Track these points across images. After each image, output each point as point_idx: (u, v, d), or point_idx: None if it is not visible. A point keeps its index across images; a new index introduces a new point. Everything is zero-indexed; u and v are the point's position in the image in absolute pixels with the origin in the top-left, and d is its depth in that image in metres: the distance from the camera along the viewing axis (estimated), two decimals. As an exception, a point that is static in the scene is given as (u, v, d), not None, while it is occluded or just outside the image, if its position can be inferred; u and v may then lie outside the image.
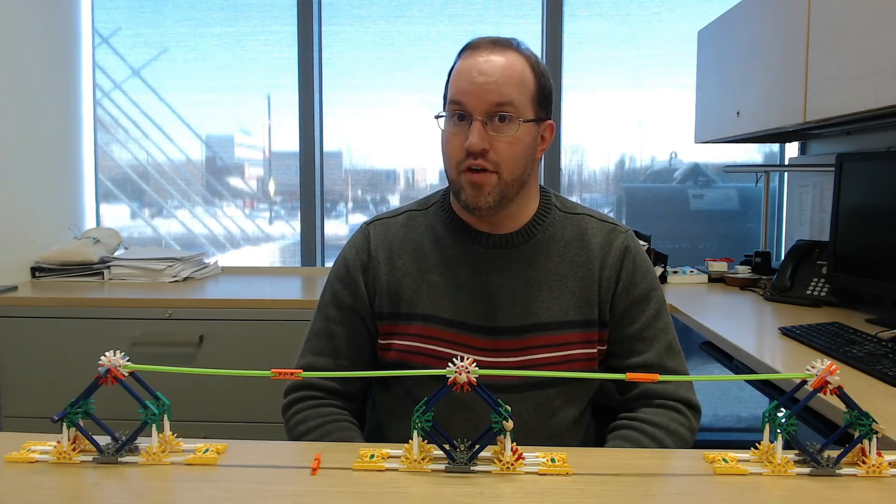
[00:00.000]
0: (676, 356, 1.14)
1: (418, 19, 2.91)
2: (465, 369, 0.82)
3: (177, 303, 2.22)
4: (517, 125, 1.05)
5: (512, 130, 1.05)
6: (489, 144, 1.04)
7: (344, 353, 1.16)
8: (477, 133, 1.03)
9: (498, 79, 1.04)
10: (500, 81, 1.04)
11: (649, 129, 2.93)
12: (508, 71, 1.05)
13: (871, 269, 1.82)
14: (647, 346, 1.12)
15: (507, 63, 1.05)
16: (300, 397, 1.15)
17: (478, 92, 1.04)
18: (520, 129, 1.05)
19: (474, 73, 1.05)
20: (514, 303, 1.10)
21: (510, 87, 1.04)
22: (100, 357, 0.85)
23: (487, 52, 1.06)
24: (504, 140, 1.05)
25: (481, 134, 1.04)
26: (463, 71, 1.06)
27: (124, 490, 0.80)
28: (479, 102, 1.04)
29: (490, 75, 1.04)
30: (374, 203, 3.06)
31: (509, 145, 1.05)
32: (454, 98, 1.06)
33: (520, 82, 1.05)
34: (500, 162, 1.05)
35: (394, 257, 1.15)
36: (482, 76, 1.04)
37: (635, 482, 0.83)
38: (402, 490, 0.79)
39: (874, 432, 0.82)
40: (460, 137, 1.06)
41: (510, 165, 1.06)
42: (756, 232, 2.90)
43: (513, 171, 1.07)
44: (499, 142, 1.05)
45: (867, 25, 1.56)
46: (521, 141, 1.06)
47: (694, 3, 2.86)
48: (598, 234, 1.15)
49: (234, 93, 2.97)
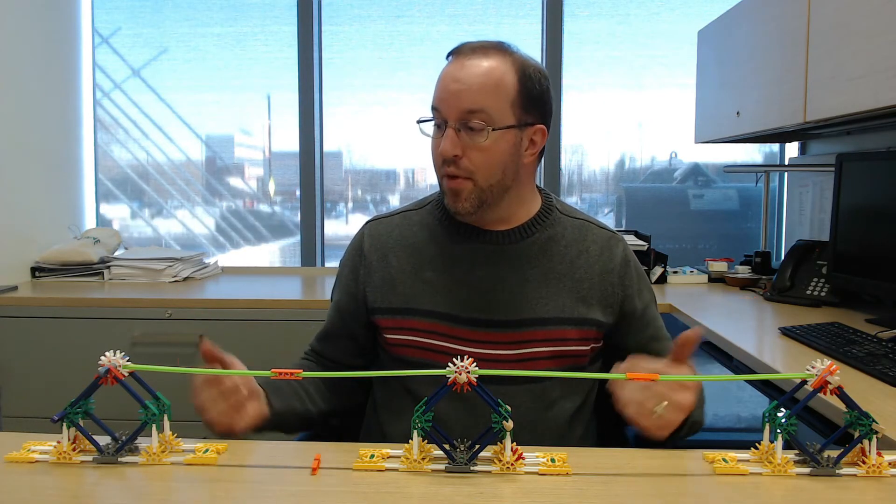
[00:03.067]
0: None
1: (418, 19, 2.91)
2: (465, 369, 0.82)
3: (177, 303, 2.22)
4: (486, 133, 1.05)
5: (482, 138, 1.05)
6: (462, 151, 1.06)
7: (337, 346, 1.22)
8: (448, 140, 1.05)
9: (470, 86, 1.04)
10: (473, 89, 1.04)
11: (649, 129, 2.93)
12: (483, 78, 1.05)
13: (871, 269, 1.82)
14: (664, 345, 1.17)
15: (484, 69, 1.05)
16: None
17: (450, 99, 1.05)
18: (490, 136, 1.05)
19: (448, 81, 1.06)
20: (511, 297, 1.12)
21: (483, 95, 1.04)
22: (100, 357, 0.85)
23: (466, 58, 1.06)
24: (476, 147, 1.06)
25: (453, 141, 1.05)
26: (441, 78, 1.08)
27: (124, 490, 0.80)
28: (450, 110, 1.05)
29: (463, 82, 1.04)
30: (374, 203, 3.06)
31: (482, 153, 1.06)
32: (433, 104, 1.09)
33: (495, 89, 1.05)
34: (473, 169, 1.06)
35: (388, 255, 1.17)
36: (455, 83, 1.05)
37: (635, 482, 0.83)
38: (402, 490, 0.79)
39: (874, 432, 0.83)
40: (438, 143, 1.08)
41: (484, 172, 1.07)
42: (756, 232, 2.90)
43: (488, 178, 1.08)
44: (471, 149, 1.06)
45: (867, 25, 1.56)
46: (494, 148, 1.06)
47: (694, 3, 2.86)
48: (598, 241, 1.18)
49: (234, 93, 2.97)
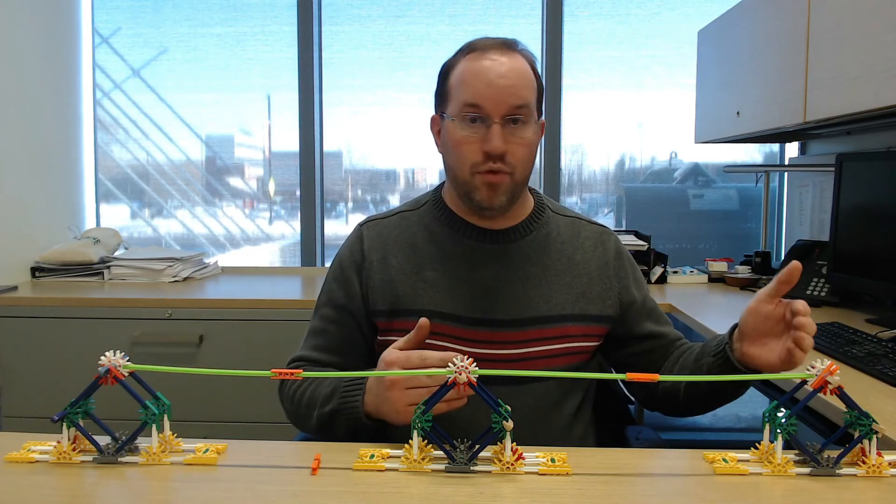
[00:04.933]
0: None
1: (418, 19, 2.91)
2: (465, 369, 0.82)
3: (177, 303, 2.22)
4: (531, 126, 1.07)
5: (528, 132, 1.07)
6: (507, 146, 1.06)
7: (336, 350, 1.18)
8: (498, 136, 1.05)
9: (515, 81, 1.05)
10: (518, 84, 1.06)
11: (649, 129, 2.93)
12: (522, 72, 1.07)
13: (871, 269, 1.82)
14: (667, 328, 1.22)
15: (519, 65, 1.07)
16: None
17: (497, 95, 1.04)
18: (533, 130, 1.08)
19: (492, 76, 1.05)
20: (511, 296, 1.12)
21: (526, 90, 1.06)
22: (100, 357, 0.85)
23: (499, 54, 1.07)
24: (520, 142, 1.07)
25: (503, 136, 1.05)
26: (478, 73, 1.06)
27: (124, 490, 0.80)
28: (498, 105, 1.05)
29: (507, 78, 1.05)
30: (374, 203, 3.06)
31: (524, 147, 1.07)
32: (471, 101, 1.06)
33: (531, 83, 1.08)
34: (516, 164, 1.07)
35: (388, 256, 1.16)
36: (501, 79, 1.05)
37: (635, 482, 0.83)
38: (402, 490, 0.79)
39: (874, 432, 0.82)
40: (476, 139, 1.06)
41: (523, 167, 1.09)
42: (756, 232, 2.90)
43: (525, 172, 1.10)
44: (514, 144, 1.06)
45: (867, 25, 1.56)
46: (533, 142, 1.09)
47: (694, 3, 2.86)
48: (591, 237, 1.19)
49: (234, 93, 2.97)
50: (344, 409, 1.02)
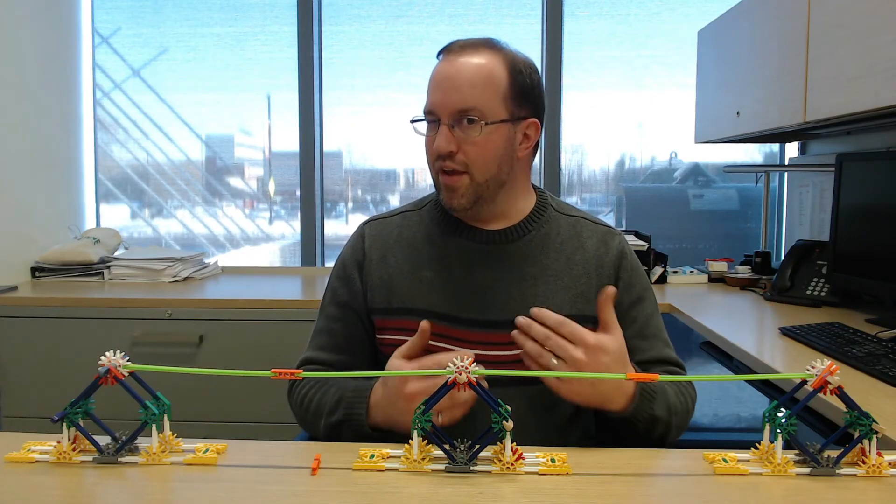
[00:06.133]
0: (671, 347, 1.19)
1: (418, 19, 2.91)
2: (465, 369, 0.82)
3: (177, 303, 2.22)
4: (479, 128, 1.07)
5: (475, 133, 1.07)
6: (457, 147, 1.07)
7: (344, 348, 1.19)
8: (442, 136, 1.07)
9: (462, 83, 1.06)
10: (465, 85, 1.06)
11: (649, 129, 2.93)
12: (474, 73, 1.07)
13: (871, 269, 1.82)
14: (650, 343, 1.15)
15: (474, 66, 1.07)
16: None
17: (443, 97, 1.07)
18: (483, 131, 1.07)
19: (439, 79, 1.09)
20: (508, 297, 1.11)
21: (475, 91, 1.06)
22: (100, 357, 0.85)
23: (456, 56, 1.08)
24: (471, 142, 1.07)
25: (447, 137, 1.07)
26: (433, 77, 1.10)
27: (124, 490, 0.80)
28: (444, 108, 1.07)
29: (454, 80, 1.07)
30: (374, 203, 3.06)
31: (476, 147, 1.07)
32: (427, 104, 1.10)
33: (486, 84, 1.07)
34: (469, 163, 1.08)
35: (387, 255, 1.17)
36: (446, 81, 1.07)
37: (635, 482, 0.83)
38: (402, 490, 0.79)
39: (874, 432, 0.82)
40: (432, 140, 1.09)
41: (480, 166, 1.09)
42: (756, 232, 2.90)
43: (484, 172, 1.09)
44: (466, 144, 1.07)
45: (867, 25, 1.56)
46: (488, 142, 1.08)
47: (694, 3, 2.86)
48: (594, 236, 1.18)
49: (234, 93, 2.97)
50: (349, 420, 1.04)
